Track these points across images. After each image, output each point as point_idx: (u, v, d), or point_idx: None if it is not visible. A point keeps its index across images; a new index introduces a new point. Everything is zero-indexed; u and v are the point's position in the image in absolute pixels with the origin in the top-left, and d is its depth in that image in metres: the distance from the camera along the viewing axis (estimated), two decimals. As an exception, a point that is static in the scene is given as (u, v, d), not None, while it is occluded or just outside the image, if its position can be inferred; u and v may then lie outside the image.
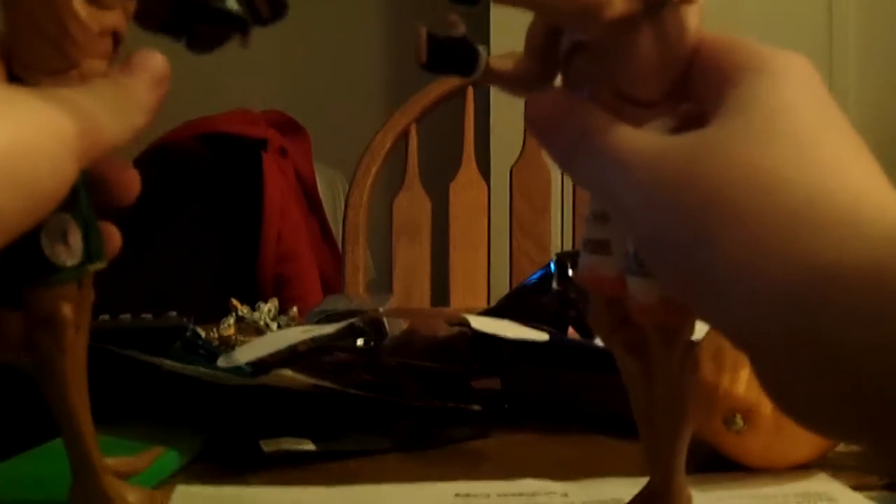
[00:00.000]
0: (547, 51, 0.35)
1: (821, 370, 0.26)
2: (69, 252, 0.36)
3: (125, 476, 0.43)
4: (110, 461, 0.42)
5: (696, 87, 0.32)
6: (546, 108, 0.34)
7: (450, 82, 1.40)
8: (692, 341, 0.36)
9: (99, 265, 0.38)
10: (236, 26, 0.35)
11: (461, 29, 0.34)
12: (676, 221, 0.29)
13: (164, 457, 0.53)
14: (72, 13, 0.33)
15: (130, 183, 0.38)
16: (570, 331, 0.73)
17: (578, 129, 0.32)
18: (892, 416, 0.24)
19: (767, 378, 0.28)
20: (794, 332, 0.26)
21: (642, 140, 0.31)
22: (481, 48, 0.35)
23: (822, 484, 0.52)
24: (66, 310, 0.37)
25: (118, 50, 0.35)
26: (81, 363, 0.39)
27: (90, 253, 0.37)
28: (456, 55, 0.34)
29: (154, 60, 0.35)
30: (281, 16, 0.36)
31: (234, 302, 0.95)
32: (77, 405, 0.39)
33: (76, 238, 0.36)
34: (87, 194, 0.37)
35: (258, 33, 0.36)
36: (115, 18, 0.34)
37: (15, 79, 0.33)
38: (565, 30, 0.34)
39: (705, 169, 0.28)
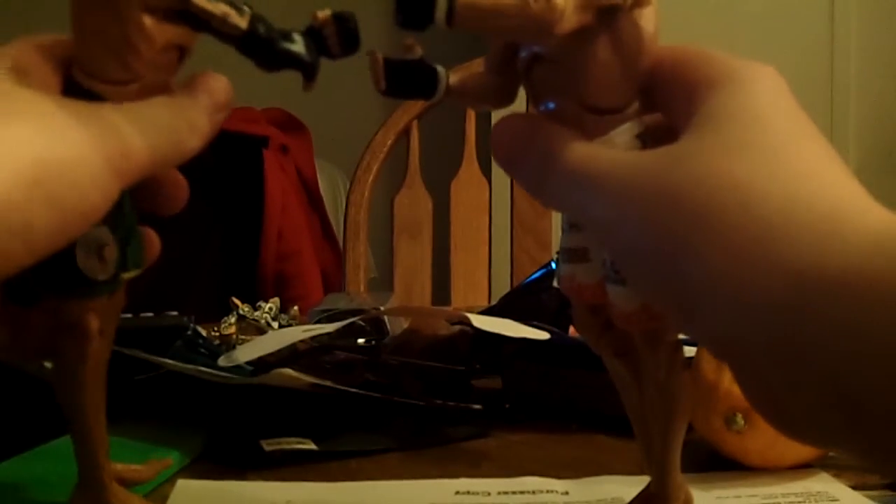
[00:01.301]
0: (507, 64, 0.35)
1: (803, 379, 0.25)
2: (103, 267, 0.35)
3: (130, 484, 0.43)
4: (117, 467, 0.42)
5: (664, 99, 0.32)
6: (509, 136, 0.33)
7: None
8: (678, 340, 0.36)
9: (133, 273, 0.37)
10: (300, 69, 0.33)
11: (418, 52, 0.34)
12: (652, 234, 0.28)
13: (166, 458, 0.53)
14: (138, 26, 0.31)
15: (178, 192, 0.37)
16: (571, 330, 0.73)
17: (543, 153, 0.32)
18: (881, 426, 0.24)
19: (749, 387, 0.28)
20: (775, 340, 0.26)
21: (611, 155, 0.31)
22: (440, 68, 0.34)
23: (823, 483, 0.52)
24: (93, 321, 0.37)
25: (183, 62, 0.34)
26: (101, 371, 0.38)
27: (126, 261, 0.36)
28: (415, 78, 0.34)
29: (217, 84, 0.34)
30: (353, 51, 0.34)
31: (235, 300, 0.95)
32: (92, 412, 0.39)
33: (112, 253, 0.36)
34: (132, 202, 0.36)
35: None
36: (181, 33, 0.33)
37: (75, 85, 0.33)
38: (522, 43, 0.34)
39: (680, 182, 0.28)
